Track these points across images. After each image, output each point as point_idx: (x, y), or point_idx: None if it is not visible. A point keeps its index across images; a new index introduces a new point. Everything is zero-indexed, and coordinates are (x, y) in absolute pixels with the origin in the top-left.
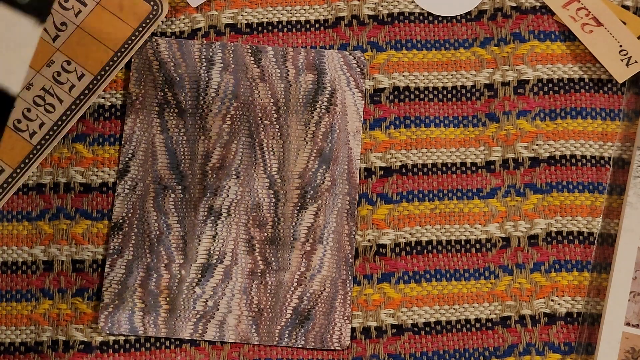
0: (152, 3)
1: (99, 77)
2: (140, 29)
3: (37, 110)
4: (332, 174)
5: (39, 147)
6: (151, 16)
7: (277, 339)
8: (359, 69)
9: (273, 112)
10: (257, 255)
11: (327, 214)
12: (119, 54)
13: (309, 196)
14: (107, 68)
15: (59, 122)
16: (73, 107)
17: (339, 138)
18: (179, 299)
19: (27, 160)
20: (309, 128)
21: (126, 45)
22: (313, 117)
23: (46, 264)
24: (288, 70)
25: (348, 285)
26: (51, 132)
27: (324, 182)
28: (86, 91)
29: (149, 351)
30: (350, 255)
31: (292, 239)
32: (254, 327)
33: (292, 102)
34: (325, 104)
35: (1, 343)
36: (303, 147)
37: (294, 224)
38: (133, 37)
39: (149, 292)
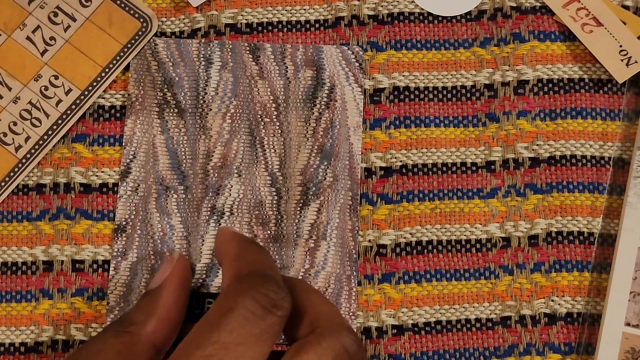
0: (141, 20)
1: (86, 93)
2: (129, 45)
3: (23, 124)
4: (334, 169)
5: (24, 160)
6: (140, 33)
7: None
8: (357, 64)
9: (273, 109)
10: None
11: (330, 210)
12: (107, 70)
13: (311, 192)
14: (94, 84)
15: (45, 137)
16: (59, 121)
17: (339, 133)
18: None
19: (11, 174)
20: (309, 124)
21: (114, 62)
22: (313, 113)
23: (46, 264)
24: (287, 67)
25: (353, 281)
26: (37, 147)
27: (325, 178)
28: (73, 106)
29: None
30: (354, 251)
31: (295, 236)
32: None
33: (292, 98)
34: (325, 99)
35: (1, 343)
36: (304, 143)
37: (296, 221)
38: (122, 54)
39: None
